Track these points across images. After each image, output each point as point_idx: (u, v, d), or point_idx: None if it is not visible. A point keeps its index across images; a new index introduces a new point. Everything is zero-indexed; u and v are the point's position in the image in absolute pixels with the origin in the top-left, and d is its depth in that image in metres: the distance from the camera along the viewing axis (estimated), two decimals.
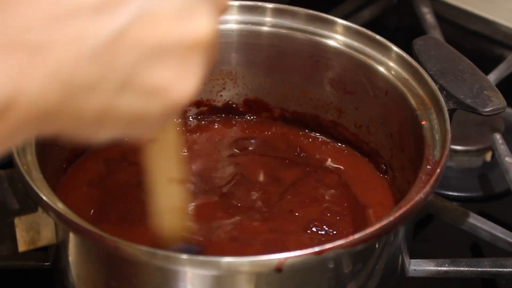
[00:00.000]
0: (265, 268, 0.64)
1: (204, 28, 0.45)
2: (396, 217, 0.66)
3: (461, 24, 1.18)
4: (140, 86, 0.45)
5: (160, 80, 0.45)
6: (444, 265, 0.78)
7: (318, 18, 0.84)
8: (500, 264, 0.78)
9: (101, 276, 0.70)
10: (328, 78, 0.85)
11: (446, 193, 0.94)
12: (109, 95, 0.44)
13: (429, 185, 0.69)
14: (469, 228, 0.86)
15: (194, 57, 0.45)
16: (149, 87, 0.45)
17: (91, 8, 0.42)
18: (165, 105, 0.46)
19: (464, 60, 0.80)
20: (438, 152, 0.73)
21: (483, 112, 0.76)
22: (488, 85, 0.78)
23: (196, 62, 0.45)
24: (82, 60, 0.42)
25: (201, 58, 0.46)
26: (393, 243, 0.71)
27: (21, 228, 0.69)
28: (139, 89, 0.45)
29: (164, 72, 0.44)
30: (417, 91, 0.78)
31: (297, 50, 0.85)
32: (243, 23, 0.86)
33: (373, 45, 0.82)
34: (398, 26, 1.21)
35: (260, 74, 0.88)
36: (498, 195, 0.95)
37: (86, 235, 0.65)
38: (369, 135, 0.85)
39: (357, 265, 0.69)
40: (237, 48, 0.87)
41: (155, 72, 0.44)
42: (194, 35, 0.45)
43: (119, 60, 0.43)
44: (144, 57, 0.44)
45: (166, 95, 0.45)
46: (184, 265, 0.64)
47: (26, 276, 0.81)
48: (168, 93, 0.45)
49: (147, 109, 0.45)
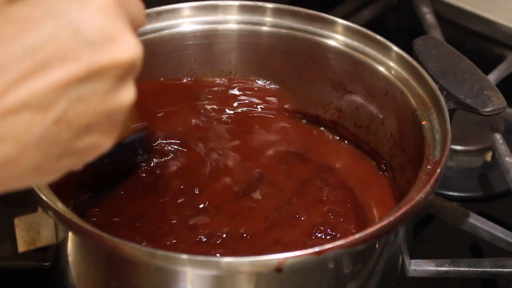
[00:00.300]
0: (265, 268, 0.63)
1: (126, 101, 0.52)
2: (396, 217, 0.66)
3: (461, 24, 1.18)
4: (73, 152, 0.52)
5: (90, 143, 0.52)
6: (444, 265, 0.78)
7: (318, 18, 0.84)
8: (500, 264, 0.78)
9: (101, 276, 0.70)
10: (328, 78, 0.85)
11: (446, 193, 0.94)
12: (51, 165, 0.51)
13: (429, 185, 0.69)
14: (469, 228, 0.86)
15: (118, 119, 0.53)
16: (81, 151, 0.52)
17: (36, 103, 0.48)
18: (94, 156, 0.54)
19: (464, 60, 0.80)
20: (438, 152, 0.73)
21: (483, 112, 0.76)
22: (488, 85, 0.78)
23: (119, 121, 0.53)
24: (28, 148, 0.49)
25: (123, 117, 0.53)
26: (393, 243, 0.71)
27: (21, 228, 0.69)
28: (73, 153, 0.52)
29: (94, 137, 0.52)
30: (417, 91, 0.78)
31: (297, 50, 0.85)
32: (243, 23, 0.86)
33: (373, 45, 0.82)
34: (398, 26, 1.21)
35: (260, 74, 0.88)
36: (498, 195, 0.95)
37: (86, 235, 0.65)
38: (369, 135, 0.85)
39: (357, 265, 0.69)
40: (237, 48, 0.87)
41: (86, 139, 0.52)
42: (118, 108, 0.52)
43: (57, 140, 0.50)
44: (77, 132, 0.51)
45: (96, 151, 0.53)
46: (184, 265, 0.64)
47: (26, 276, 0.81)
48: (96, 149, 0.53)
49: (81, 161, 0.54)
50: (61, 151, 0.51)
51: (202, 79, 0.87)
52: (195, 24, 0.85)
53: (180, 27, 0.85)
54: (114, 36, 0.50)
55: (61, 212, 0.65)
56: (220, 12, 0.85)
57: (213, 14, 0.85)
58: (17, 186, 0.52)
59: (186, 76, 0.87)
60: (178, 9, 0.85)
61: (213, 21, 0.85)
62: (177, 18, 0.85)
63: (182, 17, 0.85)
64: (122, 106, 0.52)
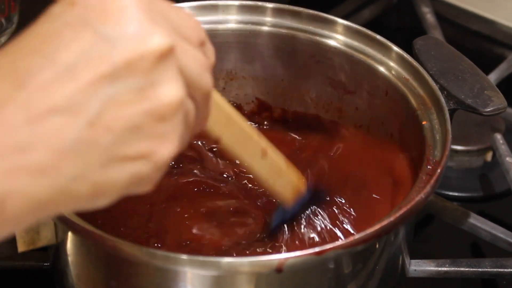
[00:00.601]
0: (266, 269, 0.63)
1: (168, 96, 0.49)
2: (396, 217, 0.66)
3: (462, 24, 1.18)
4: (123, 159, 0.49)
5: (141, 149, 0.49)
6: (445, 265, 0.78)
7: (318, 18, 0.84)
8: (500, 264, 0.78)
9: (101, 277, 0.70)
10: (328, 78, 0.85)
11: (447, 193, 0.93)
12: (96, 174, 0.48)
13: (430, 185, 0.69)
14: (469, 228, 0.86)
15: (168, 122, 0.49)
16: (132, 158, 0.49)
17: (64, 107, 0.47)
18: (152, 166, 0.50)
19: (464, 60, 0.80)
20: (438, 152, 0.73)
21: (484, 112, 0.76)
22: (489, 85, 0.77)
23: (171, 125, 0.49)
24: (63, 154, 0.47)
25: (176, 119, 0.50)
26: (393, 243, 0.71)
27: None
28: (123, 161, 0.49)
29: (143, 142, 0.49)
30: (418, 91, 0.78)
31: (297, 50, 0.85)
32: (243, 23, 0.86)
33: (373, 45, 0.82)
34: (398, 26, 1.21)
35: (260, 74, 0.88)
36: (499, 195, 0.95)
37: (86, 235, 0.65)
38: (369, 136, 0.84)
39: (357, 266, 0.69)
40: (237, 48, 0.86)
41: (134, 145, 0.49)
42: (160, 105, 0.49)
43: (97, 144, 0.47)
44: (120, 136, 0.48)
45: (150, 159, 0.49)
46: (184, 265, 0.64)
47: (26, 276, 0.80)
48: (152, 157, 0.49)
49: (137, 173, 0.49)
50: (106, 157, 0.48)
51: None
52: None
53: None
54: (140, 32, 0.48)
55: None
56: (220, 12, 0.85)
57: (213, 14, 0.85)
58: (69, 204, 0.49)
59: None
60: None
61: (213, 21, 0.85)
62: None
63: None
64: (166, 103, 0.49)
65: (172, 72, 0.49)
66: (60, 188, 0.47)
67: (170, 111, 0.49)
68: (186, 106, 0.51)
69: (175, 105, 0.49)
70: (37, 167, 0.46)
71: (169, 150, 0.50)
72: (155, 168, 0.50)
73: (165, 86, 0.49)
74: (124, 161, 0.49)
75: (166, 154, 0.50)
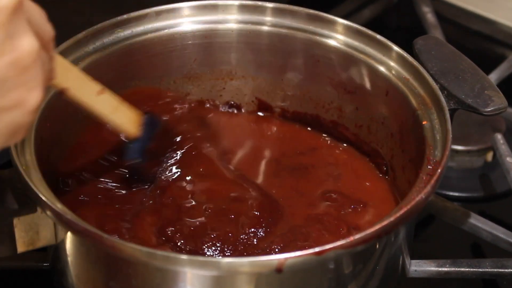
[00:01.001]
0: (265, 269, 0.63)
1: (26, 46, 0.55)
2: (396, 217, 0.66)
3: (462, 23, 1.18)
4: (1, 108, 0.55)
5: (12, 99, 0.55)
6: (445, 265, 0.78)
7: (319, 17, 0.84)
8: (501, 264, 0.78)
9: (101, 277, 0.70)
10: (329, 78, 0.85)
11: (447, 193, 0.93)
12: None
13: (430, 185, 0.69)
14: (470, 228, 0.86)
15: (30, 71, 0.55)
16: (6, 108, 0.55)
17: None
18: (25, 113, 0.57)
19: (465, 59, 0.80)
20: (439, 152, 0.72)
21: (484, 112, 0.76)
22: (489, 85, 0.77)
23: (34, 73, 0.56)
24: None
25: (37, 68, 0.56)
26: (393, 243, 0.71)
27: (20, 229, 0.69)
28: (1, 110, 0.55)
29: (13, 93, 0.55)
30: (418, 91, 0.78)
31: (298, 50, 0.85)
32: (243, 22, 0.85)
33: (373, 45, 0.82)
34: (398, 25, 1.21)
35: (260, 74, 0.88)
36: (499, 195, 0.95)
37: (85, 235, 0.65)
38: (369, 135, 0.84)
39: (357, 266, 0.69)
40: (237, 48, 0.86)
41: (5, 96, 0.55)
42: (21, 56, 0.55)
43: None
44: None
45: (22, 107, 0.56)
46: (184, 265, 0.63)
47: (25, 276, 0.80)
48: (23, 105, 0.56)
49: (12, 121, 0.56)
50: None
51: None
52: (194, 24, 0.85)
53: (179, 27, 0.85)
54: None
55: (60, 212, 0.65)
56: (220, 11, 0.85)
57: (213, 13, 0.85)
58: None
59: (186, 76, 0.87)
60: (178, 9, 0.85)
61: (213, 21, 0.85)
62: (176, 18, 0.84)
63: (181, 16, 0.85)
64: (26, 53, 0.55)
65: (24, 25, 0.55)
66: None
67: (30, 60, 0.55)
68: (42, 54, 0.57)
69: (34, 54, 0.55)
70: None
71: (36, 96, 0.57)
72: (27, 115, 0.57)
73: (22, 38, 0.55)
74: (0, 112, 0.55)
75: (34, 100, 0.56)
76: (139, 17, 0.83)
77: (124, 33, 0.83)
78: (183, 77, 0.87)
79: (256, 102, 0.89)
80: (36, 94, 0.56)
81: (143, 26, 0.83)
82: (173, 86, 0.87)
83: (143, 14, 0.83)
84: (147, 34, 0.83)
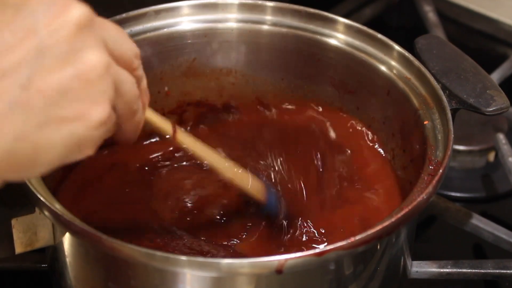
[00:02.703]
0: (265, 270, 0.63)
1: (91, 60, 0.54)
2: (398, 218, 0.66)
3: (464, 22, 1.18)
4: (58, 120, 0.54)
5: (73, 111, 0.54)
6: (447, 266, 0.78)
7: (319, 16, 0.84)
8: (503, 265, 0.78)
9: (99, 278, 0.70)
10: (329, 77, 0.85)
11: (449, 194, 0.93)
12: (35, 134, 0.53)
13: (432, 186, 0.68)
14: (472, 229, 0.86)
15: (96, 85, 0.55)
16: (66, 119, 0.54)
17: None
18: (86, 127, 0.55)
19: (467, 59, 0.80)
20: (440, 152, 0.72)
21: (486, 112, 0.75)
22: (491, 84, 0.77)
23: (100, 88, 0.55)
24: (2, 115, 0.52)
25: (104, 83, 0.55)
26: (395, 244, 0.71)
27: (18, 229, 0.68)
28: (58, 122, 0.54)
29: (75, 105, 0.54)
30: (420, 91, 0.78)
31: (298, 49, 0.85)
32: (243, 21, 0.85)
33: (374, 44, 0.82)
34: (400, 24, 1.21)
35: (260, 73, 0.88)
36: (502, 195, 0.95)
37: (84, 236, 0.64)
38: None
39: (358, 267, 0.68)
40: (237, 47, 0.86)
41: (66, 107, 0.54)
42: (85, 69, 0.54)
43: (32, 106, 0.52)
44: (51, 98, 0.53)
45: (83, 121, 0.55)
46: (183, 266, 0.63)
47: (23, 278, 0.81)
48: (84, 118, 0.55)
49: (72, 134, 0.54)
50: (42, 119, 0.53)
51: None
52: (194, 23, 0.85)
53: (179, 26, 0.84)
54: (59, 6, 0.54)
55: (58, 212, 0.65)
56: (219, 10, 0.85)
57: (213, 12, 0.85)
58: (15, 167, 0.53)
59: (185, 76, 0.87)
60: (177, 8, 0.84)
61: (213, 20, 0.85)
62: (176, 17, 0.84)
63: (181, 15, 0.85)
64: (90, 66, 0.54)
65: (92, 39, 0.55)
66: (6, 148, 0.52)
67: (95, 74, 0.54)
68: (114, 71, 0.56)
69: (99, 68, 0.54)
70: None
71: (100, 112, 0.55)
72: (90, 130, 0.55)
73: (88, 51, 0.54)
74: (59, 122, 0.54)
75: (97, 115, 0.55)
76: (138, 16, 0.83)
77: None
78: (182, 76, 0.87)
79: (256, 102, 0.89)
80: (100, 110, 0.55)
81: (142, 25, 0.83)
82: (172, 85, 0.87)
83: (142, 13, 0.83)
84: (146, 33, 0.83)
